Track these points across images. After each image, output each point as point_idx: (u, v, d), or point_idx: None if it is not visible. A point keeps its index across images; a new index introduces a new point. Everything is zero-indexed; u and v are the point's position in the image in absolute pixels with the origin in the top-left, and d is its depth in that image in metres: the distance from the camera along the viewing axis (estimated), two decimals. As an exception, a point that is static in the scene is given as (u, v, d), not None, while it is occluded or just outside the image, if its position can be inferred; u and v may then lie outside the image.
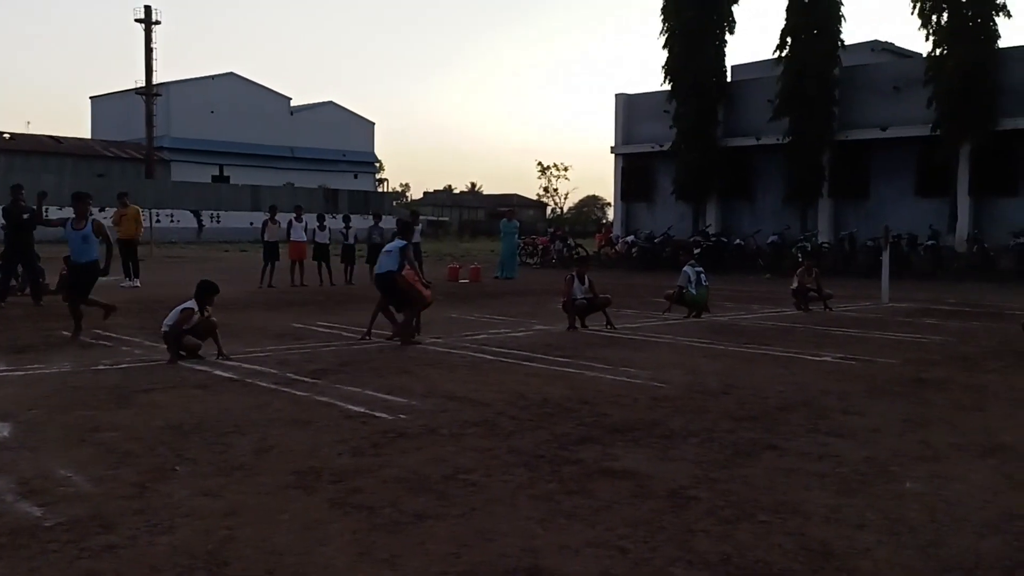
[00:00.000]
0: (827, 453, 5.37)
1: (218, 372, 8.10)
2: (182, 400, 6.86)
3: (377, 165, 79.42)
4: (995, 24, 23.43)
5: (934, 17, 23.76)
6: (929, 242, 23.09)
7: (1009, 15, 23.43)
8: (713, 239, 27.00)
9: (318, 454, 5.27)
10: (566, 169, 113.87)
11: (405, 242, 10.59)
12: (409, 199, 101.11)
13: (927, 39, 24.04)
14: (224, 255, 33.72)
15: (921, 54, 26.08)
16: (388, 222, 27.09)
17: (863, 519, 4.16)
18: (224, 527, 3.97)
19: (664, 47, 29.10)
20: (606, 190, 73.17)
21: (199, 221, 50.80)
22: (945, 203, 24.58)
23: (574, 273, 12.13)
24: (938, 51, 23.79)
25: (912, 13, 24.15)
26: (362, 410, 6.50)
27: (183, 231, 48.29)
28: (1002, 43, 23.69)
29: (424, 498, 4.43)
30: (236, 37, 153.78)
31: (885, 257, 16.55)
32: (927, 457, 5.32)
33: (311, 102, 72.79)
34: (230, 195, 53.96)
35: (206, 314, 8.91)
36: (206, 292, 8.99)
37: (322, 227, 20.35)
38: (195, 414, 6.32)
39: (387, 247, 10.74)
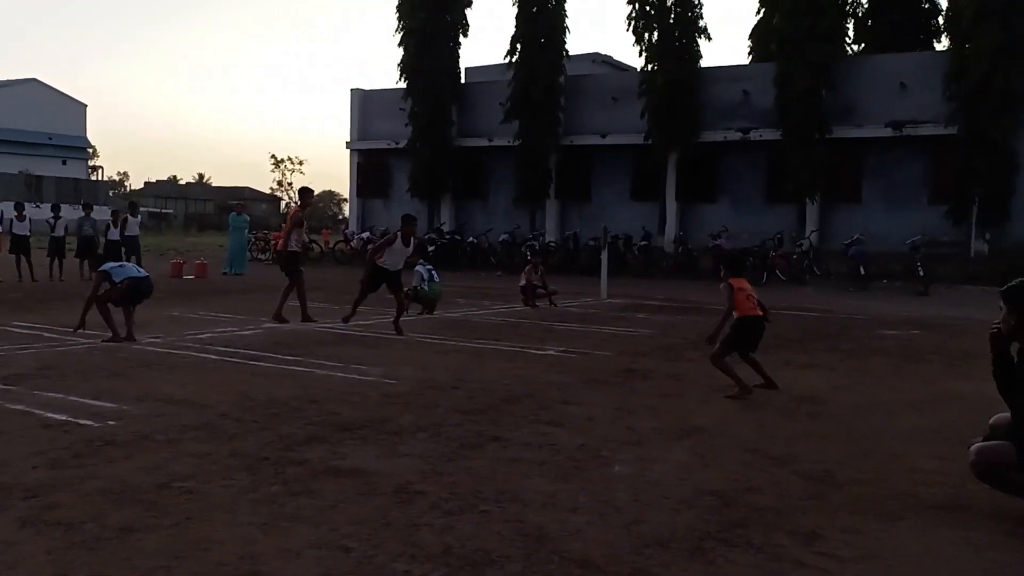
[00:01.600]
0: (546, 442, 5.65)
1: None
2: None
3: (90, 151, 72.85)
4: (697, 45, 25.90)
5: (646, 35, 25.83)
6: (642, 242, 25.05)
7: (709, 38, 26.05)
8: (448, 237, 27.56)
9: (8, 468, 4.74)
10: (301, 163, 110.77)
11: None
12: (128, 189, 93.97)
13: (640, 55, 26.11)
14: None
15: (635, 68, 28.24)
16: (102, 213, 24.99)
17: (576, 503, 4.42)
18: None
19: (400, 45, 29.28)
20: (343, 186, 72.24)
21: None
22: (656, 207, 26.79)
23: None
24: (649, 67, 25.88)
25: (627, 30, 26.12)
26: (64, 418, 5.94)
27: None
28: (703, 63, 26.25)
29: (132, 510, 4.12)
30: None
31: (604, 256, 17.75)
32: (633, 441, 5.76)
33: (10, 78, 65.33)
34: (-94, 178, 47.22)
35: None
36: None
37: (20, 216, 18.35)
38: None
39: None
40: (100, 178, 72.39)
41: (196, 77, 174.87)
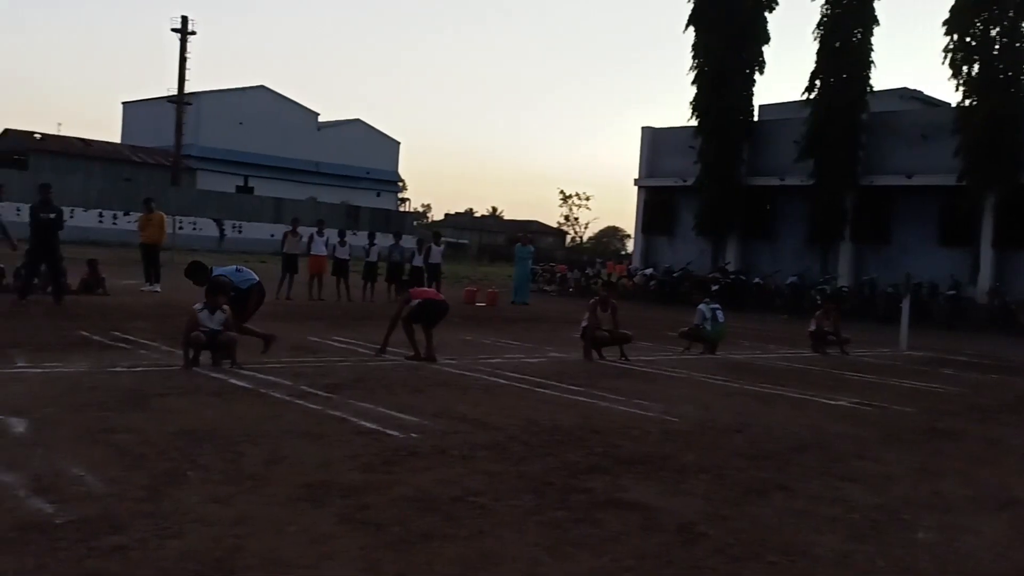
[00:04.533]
0: (839, 497, 5.33)
1: (233, 381, 8.15)
2: (196, 406, 6.90)
3: (400, 184, 79.88)
4: (1026, 77, 23.44)
5: (965, 68, 23.79)
6: (950, 292, 22.93)
7: (1040, 69, 23.45)
8: (732, 276, 26.95)
9: (329, 468, 5.28)
10: (588, 199, 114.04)
11: None
12: (430, 220, 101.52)
13: (957, 89, 24.07)
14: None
15: (949, 103, 26.09)
16: (408, 241, 27.17)
17: (873, 566, 4.12)
18: (232, 535, 3.99)
19: (693, 83, 29.24)
20: (626, 221, 73.15)
21: (221, 230, 51.13)
22: (967, 254, 24.44)
23: (598, 299, 12.02)
24: (967, 102, 23.78)
25: (943, 63, 24.20)
26: (374, 426, 6.51)
27: (204, 239, 48.56)
28: (1032, 97, 23.66)
29: (432, 518, 4.43)
30: (268, 51, 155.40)
31: (905, 304, 16.44)
32: (939, 507, 5.26)
33: (338, 119, 73.45)
34: (253, 206, 54.36)
35: (225, 314, 8.95)
36: (211, 291, 9.06)
37: (343, 242, 20.47)
38: (208, 421, 6.35)
39: None
40: (407, 209, 79.08)
41: (494, 116, 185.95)
